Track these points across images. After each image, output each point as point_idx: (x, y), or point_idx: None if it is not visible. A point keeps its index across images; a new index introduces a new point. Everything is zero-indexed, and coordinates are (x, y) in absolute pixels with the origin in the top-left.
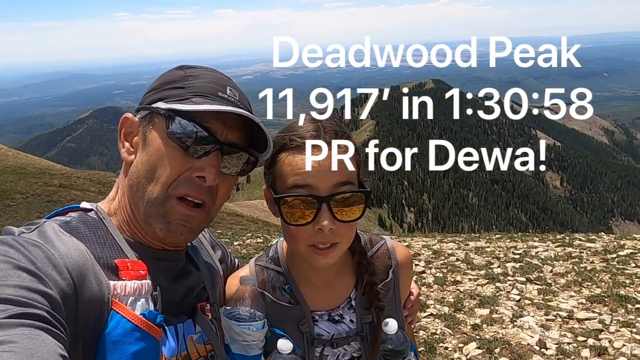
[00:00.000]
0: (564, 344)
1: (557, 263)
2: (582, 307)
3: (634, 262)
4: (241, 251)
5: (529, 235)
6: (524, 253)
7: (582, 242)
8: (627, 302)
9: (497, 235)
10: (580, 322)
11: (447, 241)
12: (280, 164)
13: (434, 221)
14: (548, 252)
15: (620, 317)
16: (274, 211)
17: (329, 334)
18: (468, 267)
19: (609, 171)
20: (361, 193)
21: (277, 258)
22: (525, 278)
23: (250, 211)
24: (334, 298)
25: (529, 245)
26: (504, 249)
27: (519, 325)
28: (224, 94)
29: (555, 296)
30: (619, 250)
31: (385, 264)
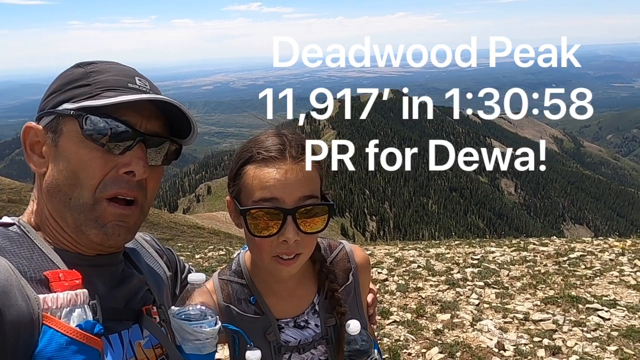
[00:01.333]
0: (521, 345)
1: (513, 267)
2: (537, 309)
3: (584, 264)
4: (203, 264)
5: (487, 240)
6: (482, 258)
7: (536, 246)
8: (578, 303)
9: (456, 242)
10: (535, 323)
11: (409, 248)
12: (246, 176)
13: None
14: (504, 256)
15: (572, 317)
16: (237, 223)
17: (295, 340)
18: (429, 274)
19: (559, 177)
20: (324, 206)
21: (240, 271)
22: (483, 282)
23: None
24: (298, 305)
25: (487, 251)
26: (463, 254)
27: (478, 329)
28: (134, 84)
29: (512, 299)
30: (569, 253)
31: (345, 268)
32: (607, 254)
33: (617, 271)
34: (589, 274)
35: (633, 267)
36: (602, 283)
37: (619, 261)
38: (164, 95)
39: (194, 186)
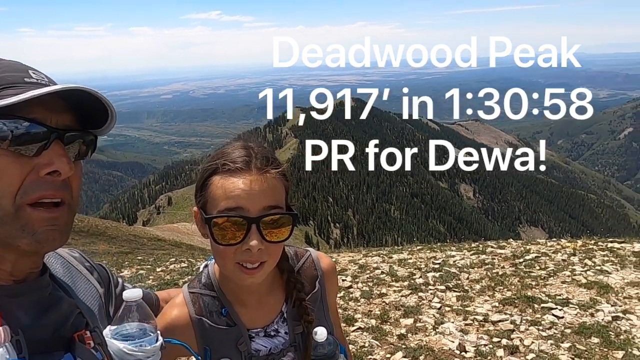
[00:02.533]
0: (481, 346)
1: (472, 270)
2: (496, 310)
3: (538, 265)
4: (165, 277)
5: (447, 245)
6: (443, 262)
7: (494, 249)
8: (534, 303)
9: (418, 247)
10: (494, 324)
11: (372, 255)
12: (212, 187)
13: (359, 236)
14: (464, 260)
15: (529, 316)
16: (203, 232)
17: (266, 349)
18: (392, 280)
19: (514, 181)
20: (288, 215)
21: (210, 283)
22: (444, 286)
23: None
24: (268, 314)
25: (447, 255)
26: (425, 259)
27: (440, 332)
28: (30, 78)
29: (472, 301)
30: (525, 254)
31: (311, 275)
32: (559, 254)
33: (569, 271)
34: (543, 274)
35: (584, 267)
36: (556, 283)
37: (571, 261)
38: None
39: (154, 197)
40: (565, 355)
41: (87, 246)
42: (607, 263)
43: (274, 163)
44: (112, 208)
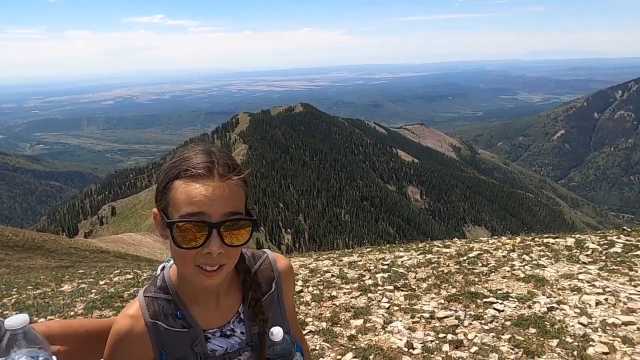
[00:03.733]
0: (428, 342)
1: (419, 269)
2: (442, 307)
3: (481, 262)
4: (108, 290)
5: (396, 246)
6: (391, 263)
7: (440, 248)
8: (476, 298)
9: (368, 249)
10: (440, 320)
11: (323, 259)
12: (174, 191)
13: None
14: (412, 260)
15: (472, 311)
16: (163, 234)
17: (222, 349)
18: (342, 282)
19: (459, 183)
20: (248, 220)
21: (165, 287)
22: (393, 286)
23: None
24: (224, 314)
25: (396, 256)
26: (374, 261)
27: (389, 331)
28: None
29: (419, 300)
30: (468, 252)
31: (268, 276)
32: (500, 251)
33: (509, 266)
34: (485, 270)
35: (522, 262)
36: (497, 278)
37: (510, 257)
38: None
39: (96, 208)
40: (506, 346)
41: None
42: (543, 257)
43: (236, 169)
44: (51, 220)
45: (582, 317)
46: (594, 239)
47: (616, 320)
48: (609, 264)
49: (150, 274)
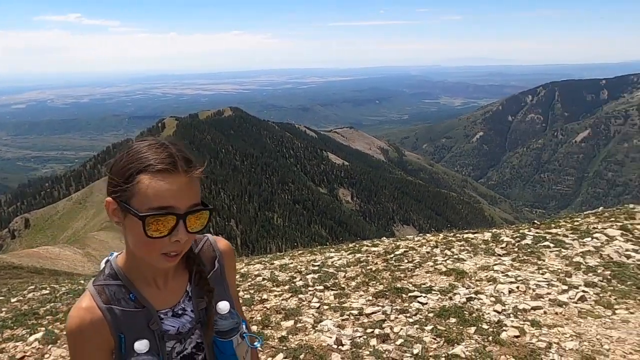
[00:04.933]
0: (357, 338)
1: (349, 269)
2: (370, 303)
3: (407, 259)
4: (21, 307)
5: (327, 247)
6: (322, 264)
7: (369, 248)
8: (402, 293)
9: (299, 252)
10: (368, 316)
11: (254, 263)
12: (141, 185)
13: (243, 245)
14: (342, 260)
15: (398, 306)
16: (118, 221)
17: (174, 328)
18: (273, 285)
19: (387, 184)
20: (207, 210)
21: (114, 273)
22: (323, 286)
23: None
24: (174, 295)
25: (326, 257)
26: (305, 262)
27: (319, 330)
28: None
29: (348, 298)
30: (395, 250)
31: (210, 256)
32: (424, 248)
33: (432, 261)
34: (410, 266)
35: (444, 257)
36: (421, 273)
37: (434, 253)
38: None
39: (7, 220)
40: (429, 337)
41: None
42: (463, 252)
43: (195, 164)
44: None
45: (496, 305)
46: (508, 232)
47: (526, 306)
48: (521, 255)
49: (69, 288)
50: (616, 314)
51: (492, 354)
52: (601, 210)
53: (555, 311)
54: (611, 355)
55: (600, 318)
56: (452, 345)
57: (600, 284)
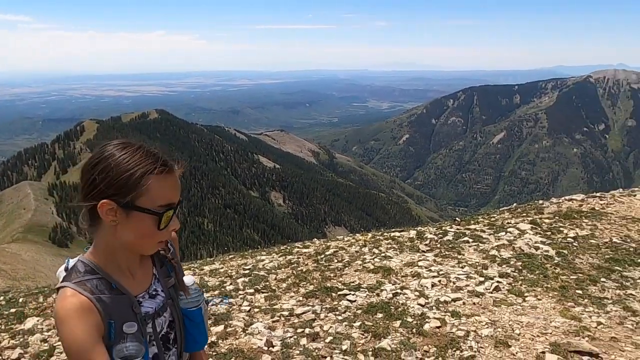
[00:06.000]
0: (287, 339)
1: (280, 271)
2: (300, 304)
3: (336, 259)
4: None
5: (258, 251)
6: (252, 267)
7: (300, 249)
8: (332, 292)
9: (230, 256)
10: (298, 316)
11: (183, 269)
12: (151, 185)
13: None
14: (273, 262)
15: (328, 304)
16: (113, 219)
17: (152, 308)
18: (202, 290)
19: (319, 186)
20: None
21: (91, 269)
22: (253, 289)
23: None
24: (145, 280)
25: (257, 260)
26: (236, 266)
27: (250, 333)
28: None
29: (279, 300)
30: (326, 251)
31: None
32: (354, 247)
33: (360, 260)
34: (340, 266)
35: (372, 255)
36: (350, 272)
37: (362, 252)
38: None
39: None
40: (357, 332)
41: None
42: (390, 250)
43: (180, 162)
44: None
45: (420, 298)
46: (431, 230)
47: (447, 298)
48: (443, 251)
49: None
50: (526, 301)
51: (415, 345)
52: (514, 207)
53: (473, 301)
54: (521, 339)
55: (513, 306)
56: (379, 340)
57: (513, 275)
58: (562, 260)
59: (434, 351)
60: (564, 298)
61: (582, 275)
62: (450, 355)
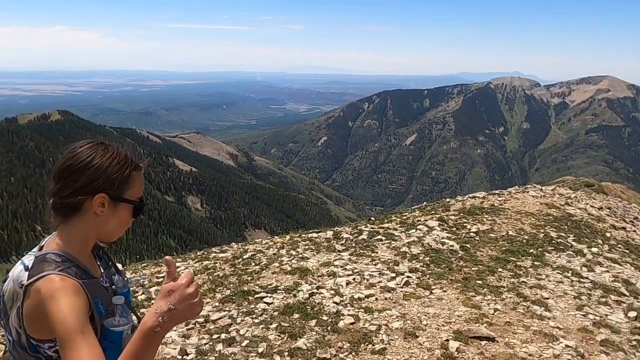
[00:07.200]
0: (202, 345)
1: (195, 277)
2: (216, 309)
3: (254, 262)
4: None
5: (173, 257)
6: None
7: (217, 254)
8: (249, 295)
9: (143, 264)
10: (214, 322)
11: None
12: (135, 180)
13: None
14: (188, 269)
15: (245, 308)
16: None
17: (110, 286)
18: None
19: (238, 189)
20: None
21: (67, 259)
22: None
23: None
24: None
25: None
26: (149, 275)
27: (162, 343)
28: None
29: None
30: (243, 254)
31: None
32: (271, 249)
33: (278, 262)
34: (257, 269)
35: (290, 257)
36: (268, 274)
37: (280, 254)
38: None
39: None
40: (273, 334)
41: None
42: (307, 250)
43: (143, 160)
44: None
45: (335, 297)
46: (347, 229)
47: (361, 295)
48: (358, 249)
49: None
50: (433, 294)
51: (330, 342)
52: (424, 205)
53: (385, 297)
54: (428, 329)
55: (421, 298)
56: (295, 340)
57: (421, 269)
58: (465, 254)
59: (347, 347)
60: (466, 289)
61: (482, 266)
62: (362, 350)
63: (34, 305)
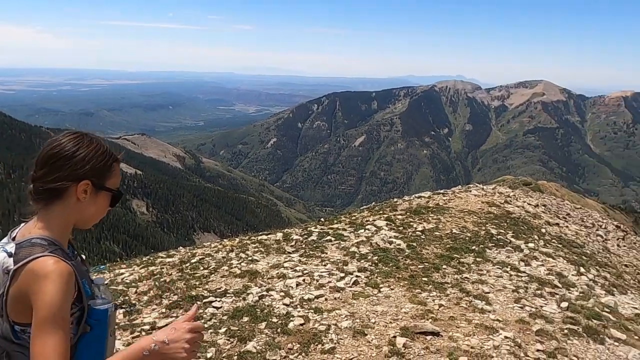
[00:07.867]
0: None
1: (141, 283)
2: (163, 316)
3: (202, 266)
4: None
5: (118, 264)
6: (110, 282)
7: (163, 259)
8: (197, 300)
9: None
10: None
11: None
12: (115, 170)
13: None
14: (133, 275)
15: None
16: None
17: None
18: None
19: (185, 192)
20: None
21: (52, 242)
22: None
23: None
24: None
25: (116, 274)
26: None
27: None
28: None
29: (140, 314)
30: (192, 258)
31: None
32: (220, 253)
33: (227, 266)
34: (206, 273)
35: (239, 260)
36: (217, 278)
37: (229, 257)
38: None
39: None
40: (223, 338)
41: None
42: (257, 253)
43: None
44: None
45: (285, 298)
46: (297, 231)
47: (311, 296)
48: (308, 250)
49: None
50: (381, 292)
51: (280, 344)
52: (373, 205)
53: (335, 297)
54: (376, 327)
55: (369, 297)
56: (245, 343)
57: (370, 268)
58: (411, 252)
59: (297, 348)
60: (413, 286)
61: (428, 264)
62: (312, 350)
63: (25, 285)
